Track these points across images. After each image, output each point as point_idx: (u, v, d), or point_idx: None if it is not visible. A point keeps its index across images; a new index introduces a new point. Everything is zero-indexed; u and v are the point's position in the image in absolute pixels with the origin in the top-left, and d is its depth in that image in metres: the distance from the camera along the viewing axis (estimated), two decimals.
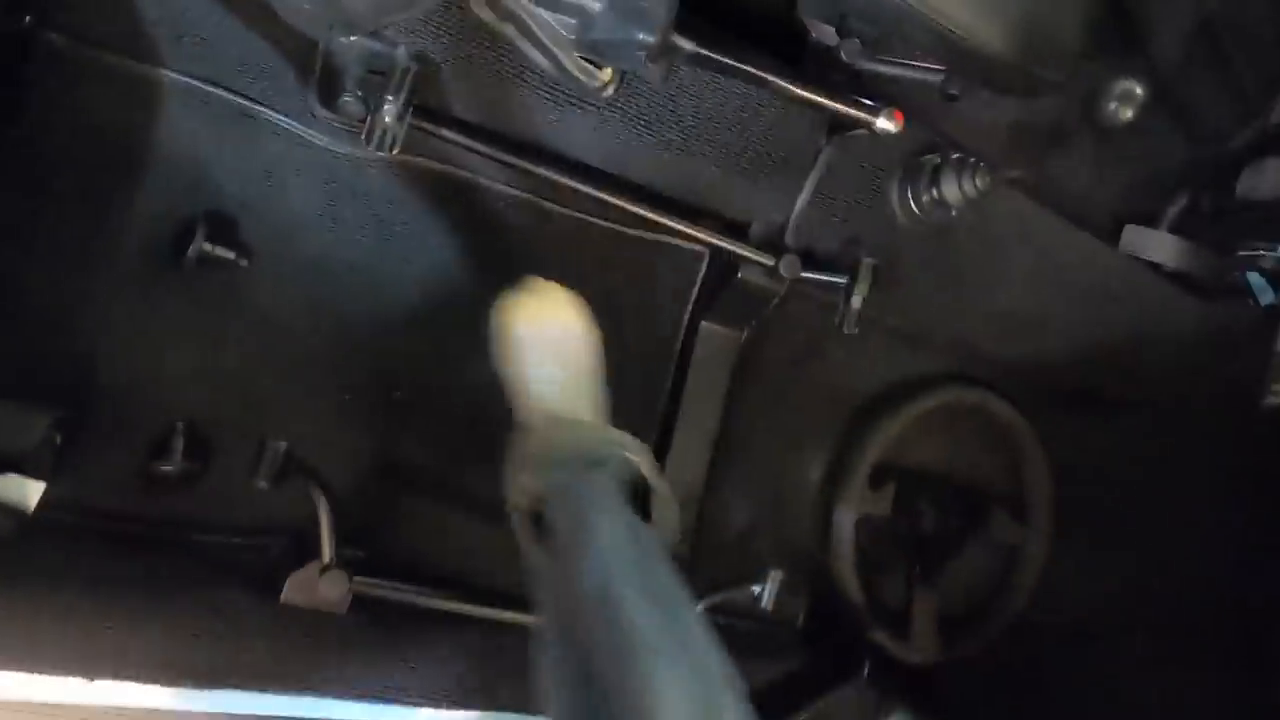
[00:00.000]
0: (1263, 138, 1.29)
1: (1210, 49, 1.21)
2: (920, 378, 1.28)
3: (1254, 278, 1.33)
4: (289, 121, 0.95)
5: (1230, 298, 1.34)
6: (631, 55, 0.83)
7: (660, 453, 1.13)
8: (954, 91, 0.99)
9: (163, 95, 0.92)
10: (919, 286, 1.12)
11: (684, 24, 0.87)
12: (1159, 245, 1.35)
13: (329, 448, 1.02)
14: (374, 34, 0.87)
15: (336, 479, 1.01)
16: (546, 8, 0.83)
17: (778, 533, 1.23)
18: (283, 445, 0.85)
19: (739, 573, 1.16)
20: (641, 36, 0.81)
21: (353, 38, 0.87)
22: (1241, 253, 1.30)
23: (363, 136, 0.86)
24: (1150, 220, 1.36)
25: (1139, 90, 0.75)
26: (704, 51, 0.88)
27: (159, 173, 0.94)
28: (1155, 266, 1.32)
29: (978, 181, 0.97)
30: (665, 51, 0.86)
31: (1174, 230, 1.38)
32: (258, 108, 0.94)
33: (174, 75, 0.91)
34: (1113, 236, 1.33)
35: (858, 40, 0.99)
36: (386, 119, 0.84)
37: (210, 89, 0.92)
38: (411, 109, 0.89)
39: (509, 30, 0.86)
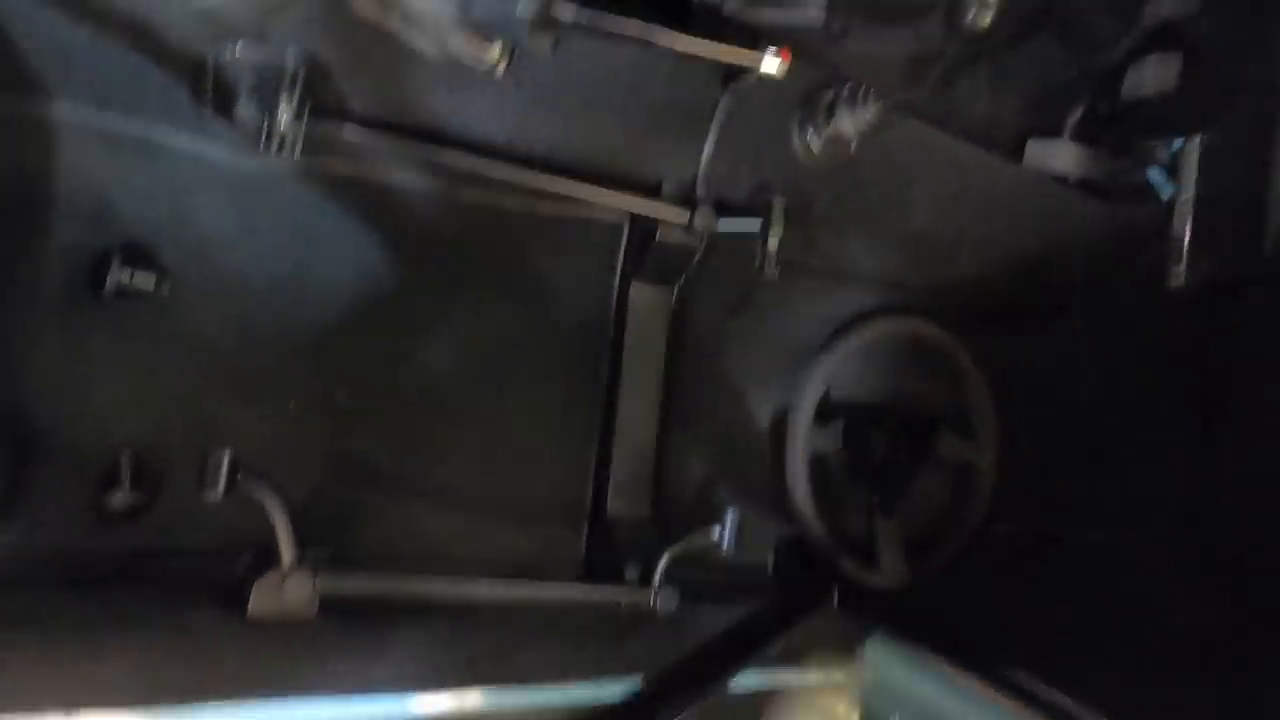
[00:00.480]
0: (1142, 38, 1.35)
1: None
2: (852, 314, 1.31)
3: (1153, 174, 1.39)
4: (190, 141, 0.96)
5: (1134, 196, 1.40)
6: (514, 28, 0.85)
7: (608, 418, 1.15)
8: (839, 27, 1.03)
9: (60, 133, 0.92)
10: (834, 223, 1.15)
11: None
12: (1061, 155, 1.39)
13: (280, 455, 1.03)
14: (260, 40, 0.88)
15: (292, 484, 1.02)
16: None
17: (735, 482, 1.26)
18: (225, 454, 0.86)
19: (703, 525, 1.19)
20: (522, 7, 0.83)
21: (239, 47, 0.88)
22: (1137, 152, 1.36)
23: (261, 143, 0.87)
24: (1053, 135, 1.42)
25: None
26: (586, 19, 0.90)
27: (69, 210, 0.94)
28: (1063, 179, 1.38)
29: (869, 110, 1.01)
30: (547, 22, 0.88)
31: (1075, 140, 1.44)
32: (157, 132, 0.94)
33: (69, 112, 0.91)
34: (1018, 154, 1.38)
35: None
36: (282, 121, 0.85)
37: (107, 120, 0.92)
38: (309, 110, 0.90)
39: (393, 21, 0.88)
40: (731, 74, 1.03)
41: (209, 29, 0.83)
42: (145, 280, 0.95)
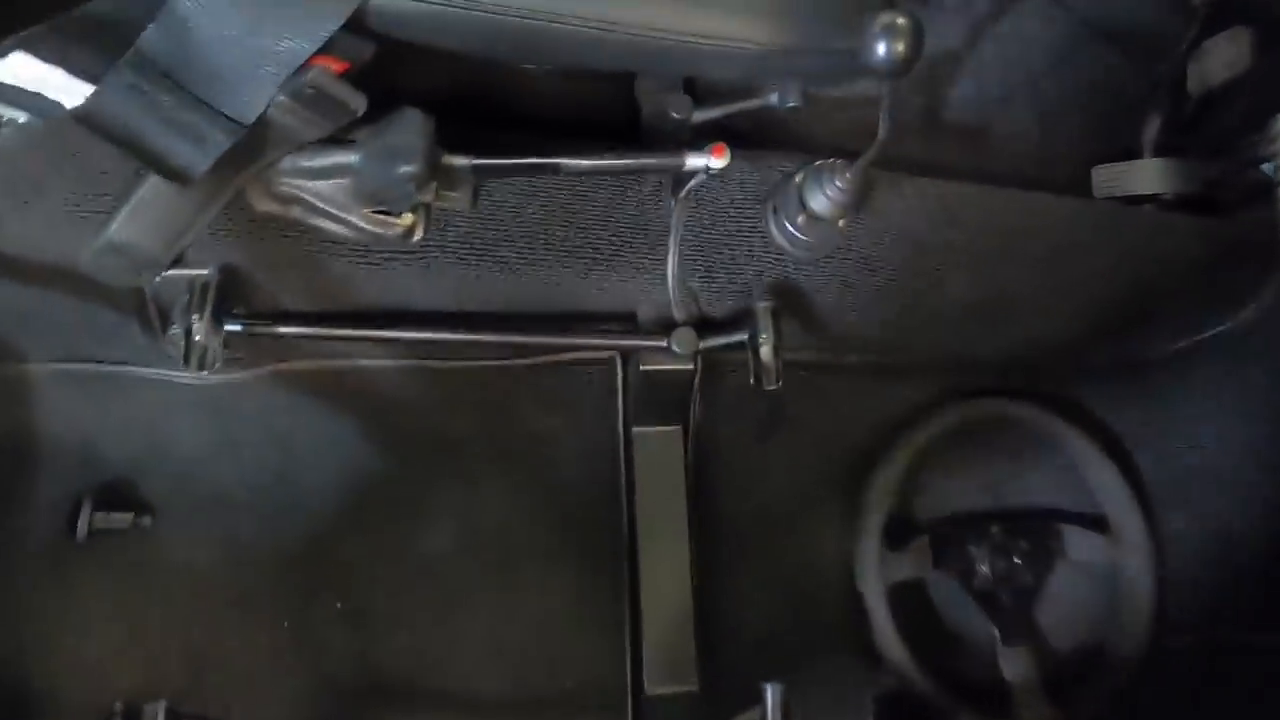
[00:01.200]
0: (1197, 25, 1.13)
1: None
2: (911, 407, 1.12)
3: (1265, 168, 1.14)
4: (155, 370, 0.96)
5: (1249, 199, 1.14)
6: (402, 192, 0.79)
7: (634, 584, 1.01)
8: (793, 102, 0.91)
9: (36, 389, 0.95)
10: (851, 312, 0.99)
11: (463, 141, 0.84)
12: (1141, 176, 1.17)
13: (278, 679, 0.96)
14: (180, 264, 0.88)
15: (295, 708, 0.94)
16: (320, 179, 0.82)
17: (803, 632, 1.06)
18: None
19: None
20: (403, 170, 0.78)
21: (161, 275, 0.88)
22: (1234, 149, 1.12)
23: (181, 361, 0.84)
24: (1123, 157, 1.20)
25: (902, 21, 0.64)
26: (486, 161, 0.84)
27: (52, 458, 0.95)
28: (1142, 200, 1.15)
29: (843, 182, 0.87)
30: (434, 177, 0.83)
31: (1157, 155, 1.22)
32: (124, 368, 0.95)
33: (40, 368, 0.94)
34: (1078, 188, 1.18)
35: (686, 95, 0.95)
36: (196, 336, 0.83)
37: (69, 366, 0.94)
38: (244, 316, 0.88)
39: (297, 212, 0.85)
40: (680, 180, 0.93)
41: (128, 264, 0.83)
42: (122, 520, 0.93)
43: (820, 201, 0.88)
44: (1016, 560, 1.09)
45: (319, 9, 0.65)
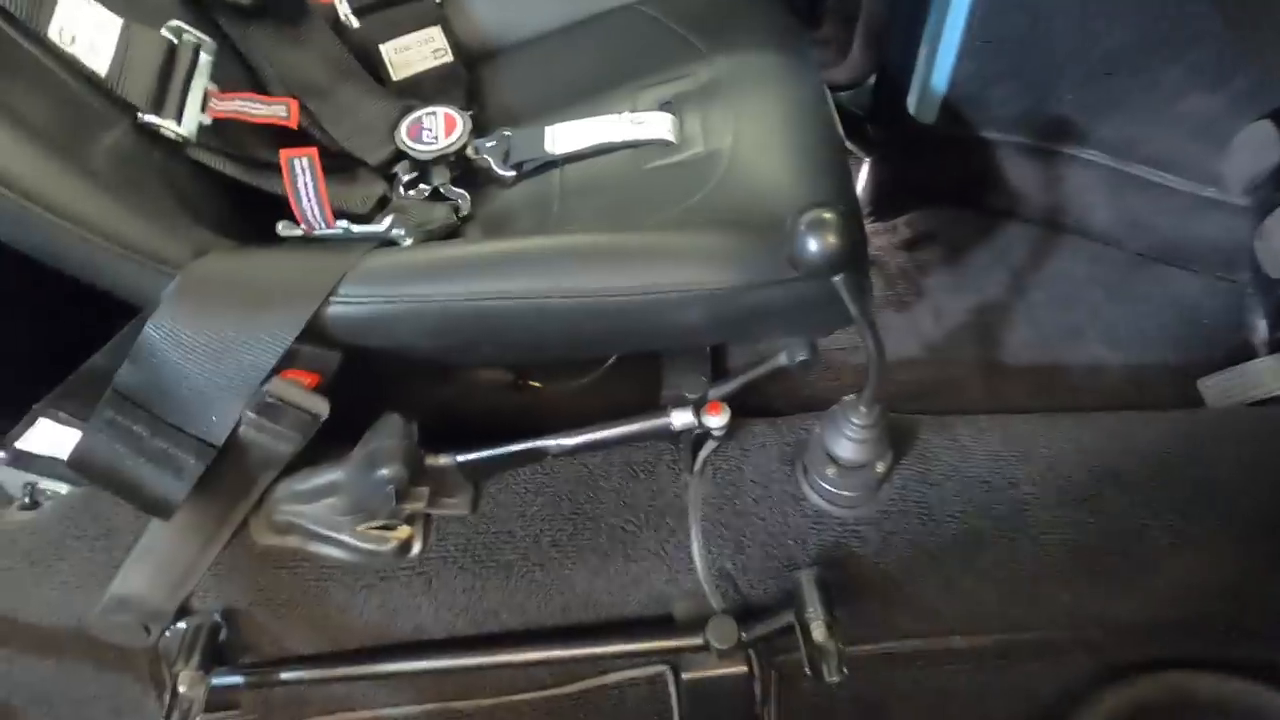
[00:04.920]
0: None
1: None
2: (1054, 696, 0.87)
3: None
4: None
5: None
6: (385, 498, 0.76)
7: None
8: (803, 358, 0.86)
9: None
10: (923, 577, 0.83)
11: (442, 439, 0.82)
12: (1261, 376, 1.02)
13: None
14: (185, 614, 0.85)
15: None
16: (313, 500, 0.81)
17: None
18: None
19: None
20: (380, 473, 0.75)
21: (172, 626, 0.85)
22: None
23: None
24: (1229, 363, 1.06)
25: (827, 215, 0.60)
26: (471, 456, 0.81)
27: None
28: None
29: (855, 418, 0.78)
30: (422, 481, 0.80)
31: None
32: None
33: None
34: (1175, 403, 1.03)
35: (700, 376, 0.93)
36: (181, 688, 0.77)
37: None
38: (248, 666, 0.82)
39: (295, 541, 0.83)
40: (698, 442, 0.86)
41: (134, 618, 0.81)
42: None
43: (844, 446, 0.79)
44: None
45: (275, 323, 0.68)
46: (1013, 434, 0.88)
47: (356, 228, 0.78)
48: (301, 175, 0.72)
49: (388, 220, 0.78)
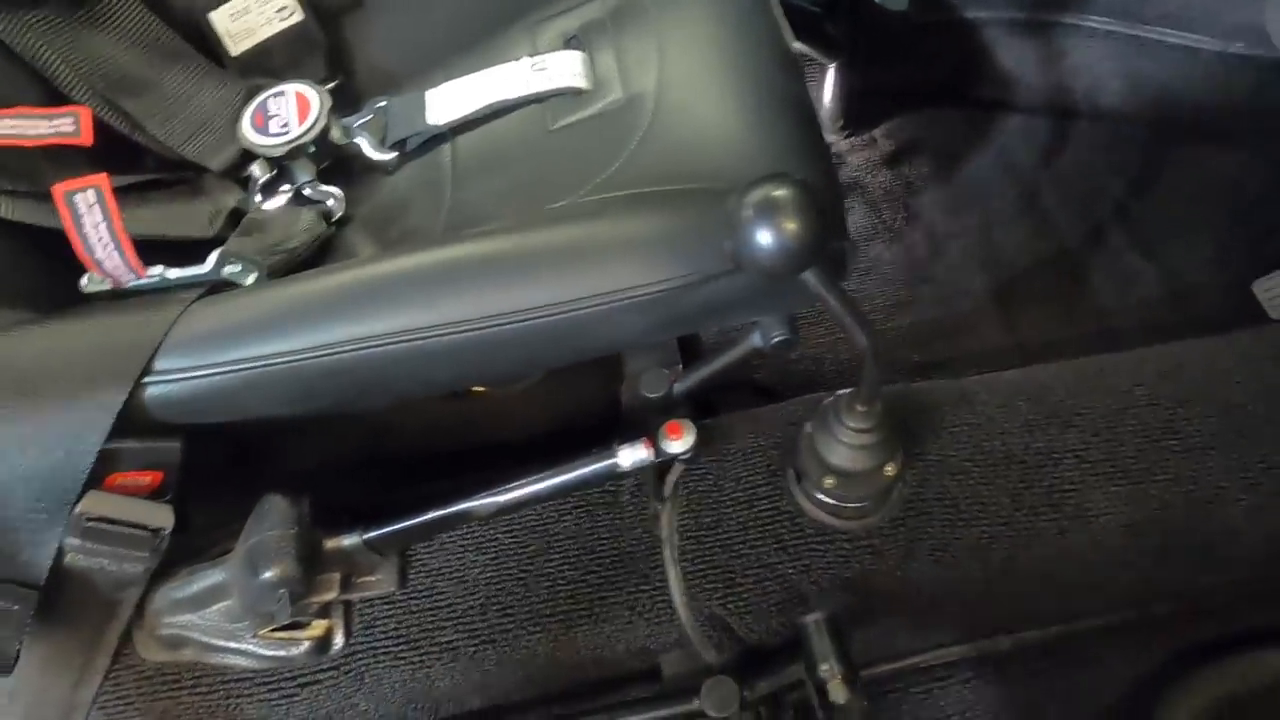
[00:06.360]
0: None
1: None
2: (1127, 688, 0.74)
3: None
4: None
5: None
6: (278, 601, 0.61)
7: None
8: (779, 337, 0.69)
9: None
10: (959, 583, 0.69)
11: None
12: None
13: None
14: None
15: None
16: (200, 608, 0.66)
17: None
18: None
19: None
20: (265, 575, 0.60)
21: None
22: None
23: None
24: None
25: (779, 195, 0.43)
26: (380, 532, 0.65)
27: None
28: None
29: (851, 420, 0.61)
30: (331, 568, 0.65)
31: None
32: None
33: None
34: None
35: (661, 370, 0.77)
36: None
37: None
38: None
39: (190, 654, 0.68)
40: (660, 471, 0.71)
41: None
42: None
43: (842, 453, 0.63)
44: None
45: (73, 426, 0.52)
46: (1043, 392, 0.72)
47: (174, 272, 0.60)
48: (87, 214, 0.54)
49: (213, 257, 0.60)
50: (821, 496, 0.67)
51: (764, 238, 0.41)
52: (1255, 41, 0.92)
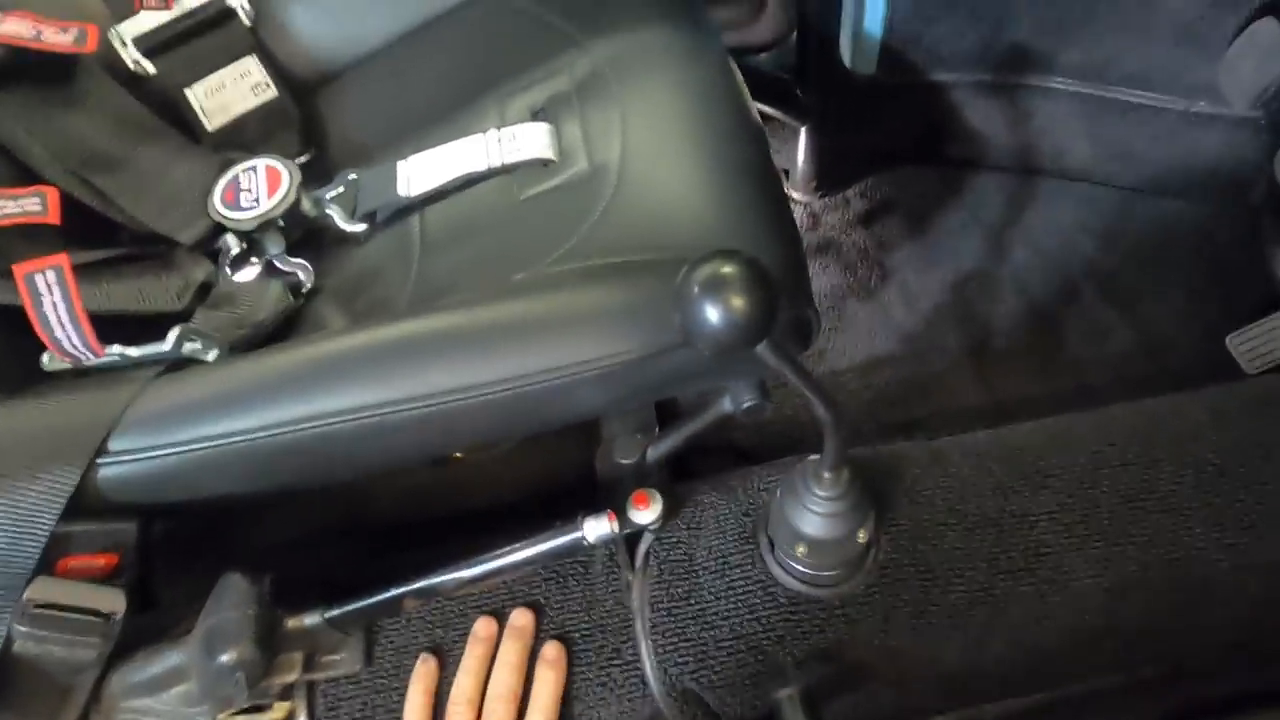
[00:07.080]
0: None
1: None
2: None
3: None
4: None
5: None
6: (235, 685, 0.60)
7: None
8: (749, 402, 0.69)
9: None
10: (941, 651, 0.67)
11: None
12: None
13: None
14: None
15: None
16: (158, 691, 0.64)
17: None
18: None
19: None
20: (223, 659, 0.58)
21: None
22: None
23: None
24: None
25: (726, 272, 0.43)
26: (340, 611, 0.64)
27: None
28: None
29: (818, 488, 0.61)
30: (291, 648, 0.63)
31: None
32: None
33: None
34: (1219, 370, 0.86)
35: (634, 436, 0.77)
36: None
37: None
38: None
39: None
40: (631, 541, 0.70)
41: None
42: None
43: (811, 521, 0.62)
44: None
45: (21, 508, 0.51)
46: (1015, 454, 0.72)
47: (135, 351, 0.60)
48: (46, 295, 0.54)
49: (173, 334, 0.60)
50: (794, 564, 0.65)
51: (711, 314, 0.41)
52: (1217, 99, 0.94)
